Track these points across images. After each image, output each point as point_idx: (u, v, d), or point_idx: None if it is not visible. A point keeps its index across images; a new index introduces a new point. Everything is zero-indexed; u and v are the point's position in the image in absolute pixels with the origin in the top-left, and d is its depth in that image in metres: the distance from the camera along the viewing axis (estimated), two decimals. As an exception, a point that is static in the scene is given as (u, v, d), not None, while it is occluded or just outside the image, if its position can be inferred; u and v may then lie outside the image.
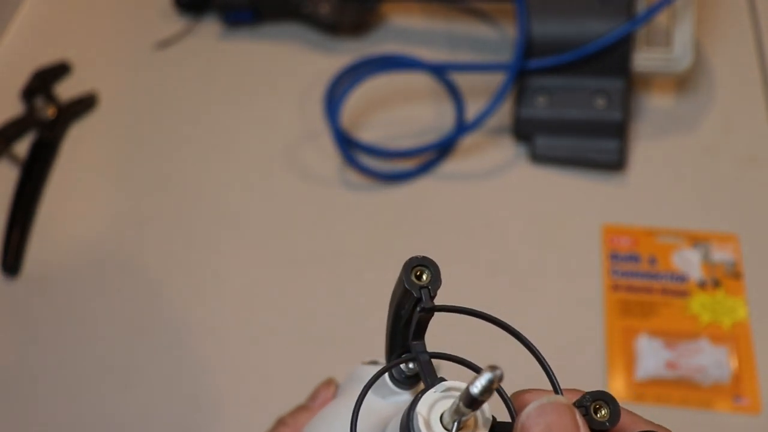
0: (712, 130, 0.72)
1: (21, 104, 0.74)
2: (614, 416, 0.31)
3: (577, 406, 0.31)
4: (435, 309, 0.31)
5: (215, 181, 0.71)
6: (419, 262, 0.31)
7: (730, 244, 0.65)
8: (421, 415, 0.30)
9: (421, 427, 0.29)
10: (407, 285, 0.31)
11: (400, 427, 0.31)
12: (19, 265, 0.66)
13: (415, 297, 0.31)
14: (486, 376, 0.26)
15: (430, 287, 0.31)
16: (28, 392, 0.61)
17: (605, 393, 0.31)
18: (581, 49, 0.67)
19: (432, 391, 0.30)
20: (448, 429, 0.30)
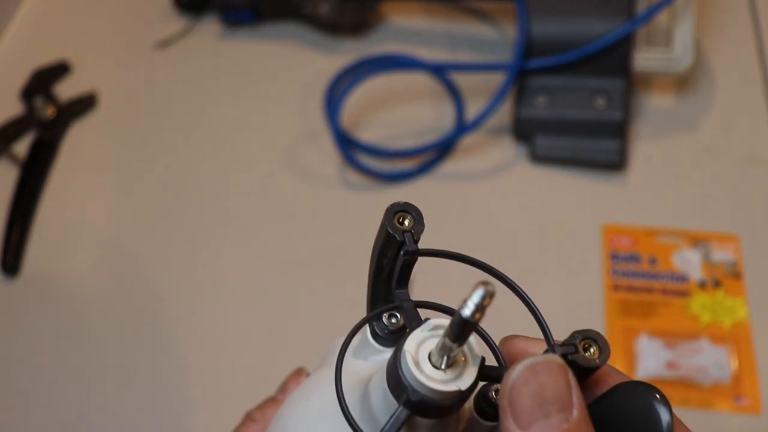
0: (713, 129, 0.71)
1: (21, 104, 0.74)
2: (604, 354, 0.30)
3: (566, 344, 0.30)
4: (419, 252, 0.31)
5: (215, 181, 0.71)
6: (401, 207, 0.31)
7: (730, 244, 0.65)
8: (409, 353, 0.28)
9: (410, 365, 0.28)
10: (390, 229, 0.30)
11: (387, 371, 0.30)
12: (18, 265, 0.66)
13: (398, 241, 0.30)
14: (477, 292, 0.25)
15: (414, 231, 0.31)
16: (27, 391, 0.61)
17: (594, 331, 0.30)
18: (581, 49, 0.67)
19: (419, 330, 0.29)
20: (436, 366, 0.29)
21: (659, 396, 0.31)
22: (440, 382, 0.28)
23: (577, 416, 0.27)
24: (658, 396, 0.30)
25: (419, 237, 0.31)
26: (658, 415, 0.30)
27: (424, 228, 0.31)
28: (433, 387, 0.28)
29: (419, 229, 0.31)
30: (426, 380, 0.28)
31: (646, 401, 0.30)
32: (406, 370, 0.28)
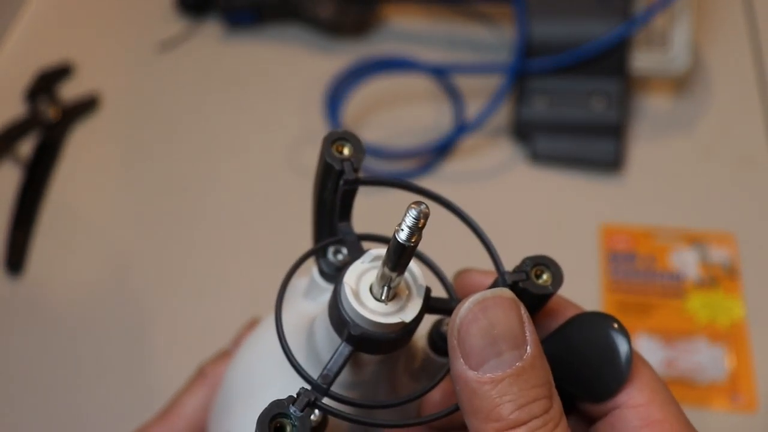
0: (710, 131, 0.72)
1: (24, 105, 0.75)
2: (557, 280, 0.29)
3: (517, 272, 0.29)
4: (359, 181, 0.29)
5: (217, 181, 0.71)
6: (339, 135, 0.29)
7: (727, 243, 0.65)
8: (348, 286, 0.27)
9: (350, 298, 0.26)
10: (328, 158, 0.29)
11: (329, 307, 0.28)
12: (22, 264, 0.66)
13: (337, 171, 0.29)
14: (410, 213, 0.24)
15: (353, 160, 0.29)
16: (29, 390, 0.61)
17: (545, 257, 0.29)
18: (580, 50, 0.67)
19: (359, 262, 0.28)
20: (378, 298, 0.27)
21: (617, 325, 0.29)
22: (382, 314, 0.26)
23: (531, 353, 0.25)
24: (615, 325, 0.29)
25: (360, 165, 0.29)
26: (616, 346, 0.28)
27: (365, 155, 0.29)
28: (375, 320, 0.26)
29: (359, 157, 0.29)
30: (367, 313, 0.26)
31: (604, 332, 0.29)
32: (346, 304, 0.27)
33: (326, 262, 0.32)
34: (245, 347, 0.36)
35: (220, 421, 0.35)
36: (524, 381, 0.25)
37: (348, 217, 0.31)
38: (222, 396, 0.36)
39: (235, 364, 0.36)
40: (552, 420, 0.25)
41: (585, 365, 0.29)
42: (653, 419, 0.28)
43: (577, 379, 0.29)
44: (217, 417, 0.36)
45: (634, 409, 0.28)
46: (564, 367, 0.28)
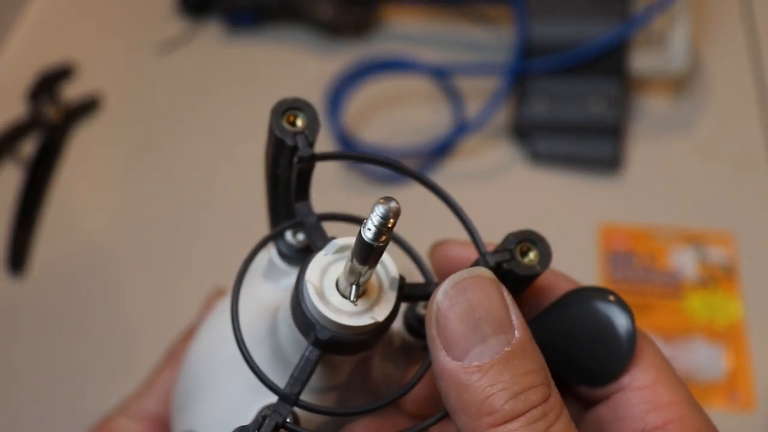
0: (708, 131, 0.72)
1: (26, 106, 0.75)
2: (544, 258, 0.25)
3: (500, 251, 0.26)
4: (315, 157, 0.26)
5: (218, 181, 0.71)
6: (290, 104, 0.25)
7: (726, 243, 0.65)
8: (311, 284, 0.23)
9: (313, 297, 0.23)
10: (278, 132, 0.25)
11: (292, 304, 0.25)
12: (25, 265, 0.66)
13: (289, 146, 0.25)
14: (378, 210, 0.20)
15: (307, 133, 0.25)
16: (31, 389, 0.61)
17: (531, 232, 0.26)
18: (579, 51, 0.68)
19: (322, 254, 0.25)
20: (345, 296, 0.24)
21: (614, 299, 0.26)
22: (351, 315, 0.23)
23: (520, 337, 0.22)
24: (613, 298, 0.26)
25: (315, 138, 0.25)
26: (615, 323, 0.25)
27: (320, 127, 0.26)
28: (344, 322, 0.23)
29: (314, 130, 0.26)
30: (334, 315, 0.23)
31: (601, 307, 0.25)
32: (310, 305, 0.23)
33: (285, 243, 0.29)
34: (203, 332, 0.34)
35: (180, 416, 0.34)
36: (516, 367, 0.22)
37: (305, 196, 0.27)
38: (181, 386, 0.34)
39: (194, 351, 0.34)
40: (552, 409, 0.22)
41: (581, 346, 0.26)
42: (660, 402, 0.25)
43: (574, 362, 0.26)
44: (177, 410, 0.35)
45: (639, 392, 0.25)
46: (558, 349, 0.25)
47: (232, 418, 0.30)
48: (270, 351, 0.27)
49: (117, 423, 0.40)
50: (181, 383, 0.35)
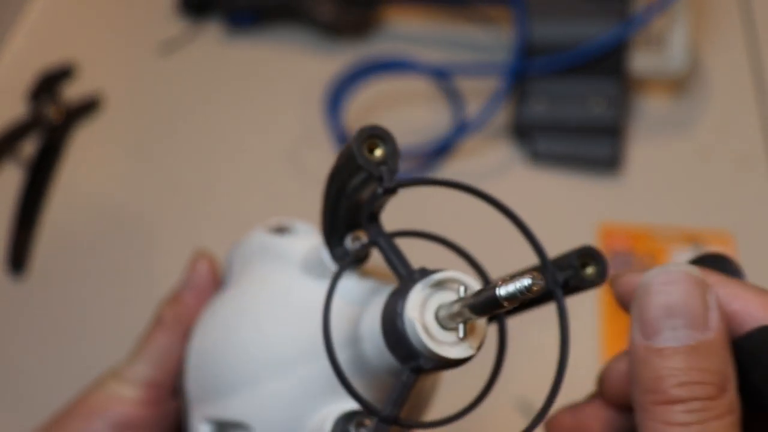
0: (707, 131, 0.73)
1: (26, 106, 0.75)
2: (602, 271, 0.28)
3: (564, 266, 0.28)
4: (400, 185, 0.26)
5: (218, 181, 0.72)
6: (372, 132, 0.26)
7: (725, 243, 0.66)
8: (417, 321, 0.25)
9: (421, 334, 0.25)
10: (362, 162, 0.25)
11: (384, 330, 0.26)
12: (25, 265, 0.67)
13: (373, 176, 0.26)
14: (524, 280, 0.21)
15: (390, 163, 0.26)
16: (32, 389, 0.62)
17: (590, 248, 0.28)
18: (579, 51, 0.68)
19: (420, 288, 0.25)
20: (446, 328, 0.25)
21: None
22: (454, 347, 0.25)
23: (711, 337, 0.24)
24: None
25: (396, 168, 0.26)
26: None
27: (400, 156, 0.26)
28: (449, 356, 0.25)
29: (395, 160, 0.26)
30: (441, 350, 0.25)
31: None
32: (415, 340, 0.25)
33: (341, 250, 0.30)
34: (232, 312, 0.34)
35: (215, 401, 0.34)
36: (694, 361, 0.23)
37: (377, 217, 0.28)
38: (214, 369, 0.34)
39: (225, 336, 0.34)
40: (716, 408, 0.23)
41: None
42: None
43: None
44: (208, 394, 0.35)
45: None
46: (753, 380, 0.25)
47: (291, 417, 0.31)
48: (348, 361, 0.29)
49: (111, 386, 0.40)
50: (206, 364, 0.35)
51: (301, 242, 0.34)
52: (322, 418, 0.30)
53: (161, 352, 0.40)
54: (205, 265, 0.41)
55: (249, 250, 0.37)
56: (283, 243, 0.35)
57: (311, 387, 0.31)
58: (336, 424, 0.29)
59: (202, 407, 0.35)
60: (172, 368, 0.39)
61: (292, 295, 0.32)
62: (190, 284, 0.41)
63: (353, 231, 0.30)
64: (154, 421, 0.39)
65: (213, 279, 0.41)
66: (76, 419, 0.40)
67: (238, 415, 0.32)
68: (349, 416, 0.29)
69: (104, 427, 0.39)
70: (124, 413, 0.39)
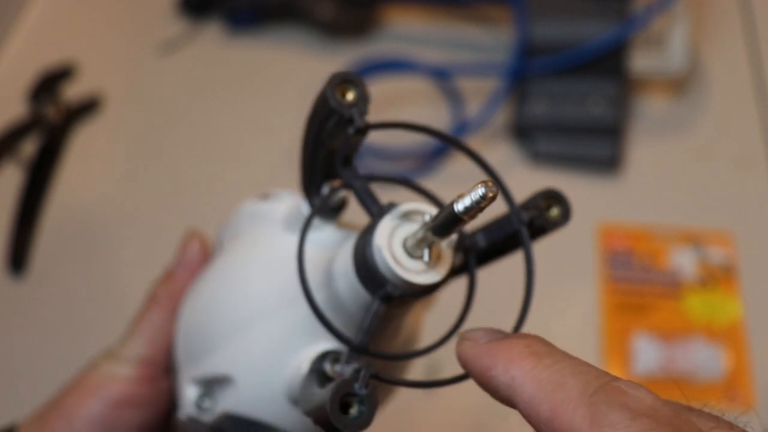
0: (707, 131, 0.72)
1: (27, 106, 0.75)
2: (566, 213, 0.29)
3: (530, 207, 0.29)
4: (369, 127, 0.27)
5: (218, 182, 0.72)
6: (343, 77, 0.27)
7: (725, 243, 0.65)
8: (384, 248, 0.26)
9: (388, 259, 0.26)
10: (334, 104, 0.27)
11: (355, 262, 0.28)
12: (25, 265, 0.67)
13: (343, 117, 0.27)
14: (478, 190, 0.23)
15: (361, 105, 0.27)
16: (31, 390, 0.62)
17: (554, 191, 0.29)
18: (579, 51, 0.68)
19: (388, 218, 0.27)
20: (414, 256, 0.26)
21: None
22: (421, 273, 0.26)
23: None
24: None
25: (366, 110, 0.27)
26: None
27: (370, 100, 0.28)
28: (417, 281, 0.26)
29: (366, 102, 0.27)
30: (408, 275, 0.26)
31: None
32: (383, 266, 0.26)
33: (320, 199, 0.31)
34: (216, 276, 0.35)
35: (197, 360, 0.35)
36: None
37: (351, 161, 0.29)
38: (194, 330, 0.35)
39: (208, 295, 0.35)
40: None
41: None
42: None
43: None
44: (191, 354, 0.35)
45: None
46: None
47: (271, 363, 0.32)
48: (324, 301, 0.29)
49: (105, 365, 0.40)
50: (194, 328, 0.36)
51: (284, 203, 0.36)
52: (300, 361, 0.31)
53: (155, 329, 0.40)
54: (196, 243, 0.42)
55: (236, 221, 0.39)
56: (267, 206, 0.36)
57: (290, 333, 0.32)
58: (313, 363, 0.30)
59: (189, 370, 0.36)
60: (166, 345, 0.40)
61: (272, 249, 0.33)
62: (182, 262, 0.41)
63: (330, 180, 0.31)
64: (149, 398, 0.40)
65: (204, 257, 0.42)
66: (71, 399, 0.40)
67: (221, 368, 0.33)
68: (325, 355, 0.31)
69: (100, 405, 0.39)
70: (119, 391, 0.39)
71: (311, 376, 0.30)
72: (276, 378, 0.32)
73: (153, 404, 0.40)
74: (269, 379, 0.32)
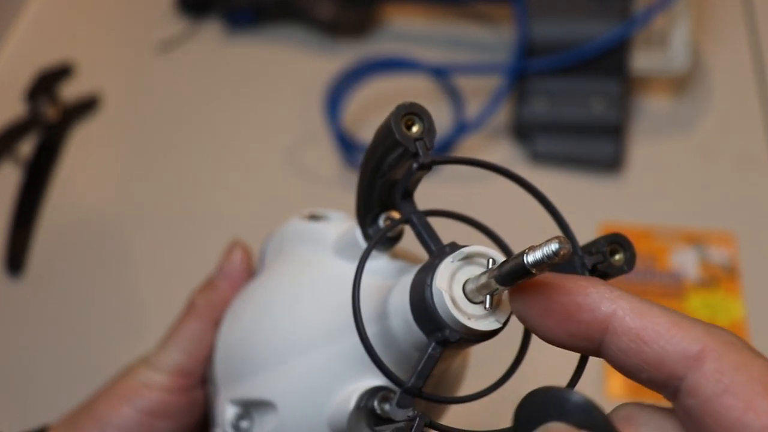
0: (709, 130, 0.72)
1: (24, 105, 0.75)
2: (630, 259, 0.28)
3: (593, 252, 0.28)
4: (435, 162, 0.27)
5: (217, 182, 0.71)
6: (409, 109, 0.26)
7: (727, 243, 0.65)
8: (445, 291, 0.25)
9: (448, 304, 0.25)
10: (399, 137, 0.26)
11: (412, 302, 0.27)
12: (23, 265, 0.66)
13: (409, 151, 0.26)
14: (552, 246, 0.22)
15: (426, 139, 0.26)
16: (30, 391, 0.61)
17: (619, 235, 0.28)
18: (580, 50, 0.68)
19: (449, 260, 0.26)
20: (474, 301, 0.25)
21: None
22: (480, 319, 0.25)
23: None
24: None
25: (432, 145, 0.27)
26: None
27: (436, 134, 0.27)
28: (477, 328, 0.25)
29: (432, 136, 0.27)
30: (468, 322, 0.25)
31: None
32: (443, 311, 0.25)
33: (375, 229, 0.31)
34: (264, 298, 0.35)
35: (239, 381, 0.34)
36: None
37: (411, 195, 0.29)
38: (238, 351, 0.35)
39: (253, 317, 0.35)
40: None
41: None
42: None
43: None
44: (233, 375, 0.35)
45: None
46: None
47: (316, 393, 0.31)
48: (376, 335, 0.29)
49: (141, 372, 0.39)
50: (236, 346, 0.35)
51: (335, 226, 0.35)
52: (347, 395, 0.30)
53: (192, 339, 0.39)
54: (239, 253, 0.41)
55: (283, 238, 0.37)
56: (318, 227, 0.36)
57: (338, 365, 0.31)
58: (360, 399, 0.30)
59: (229, 390, 0.35)
60: (203, 356, 0.39)
61: (323, 275, 0.33)
62: (224, 272, 0.41)
63: (387, 211, 0.31)
64: (182, 408, 0.39)
65: (247, 269, 0.41)
66: (104, 405, 0.39)
67: (264, 393, 0.33)
68: (374, 391, 0.30)
69: (133, 413, 0.38)
70: (153, 399, 0.38)
71: (359, 413, 0.29)
72: (320, 409, 0.31)
73: (186, 414, 0.39)
74: (313, 410, 0.31)
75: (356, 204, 0.31)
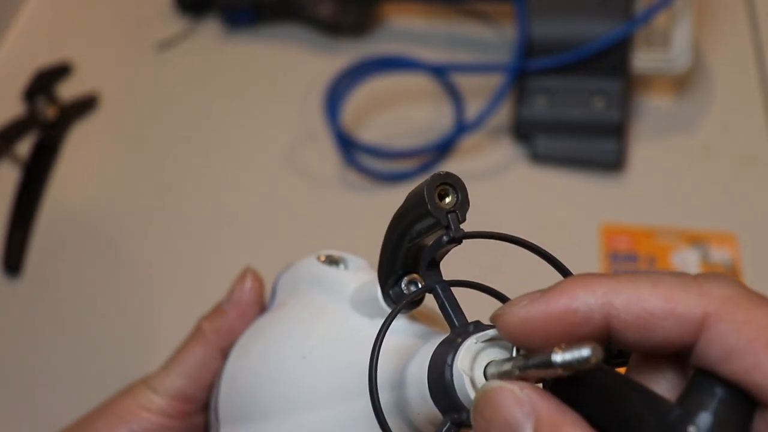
0: (711, 130, 0.72)
1: (22, 104, 0.75)
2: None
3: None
4: (466, 236, 0.26)
5: (216, 182, 0.71)
6: (444, 179, 0.26)
7: (728, 243, 0.65)
8: (465, 374, 0.24)
9: (469, 390, 0.24)
10: (431, 208, 0.25)
11: (430, 380, 0.26)
12: (20, 265, 0.66)
13: (440, 223, 0.26)
14: (583, 351, 0.21)
15: (459, 212, 0.26)
16: (29, 391, 0.61)
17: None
18: (580, 49, 0.67)
19: (472, 341, 0.25)
20: None
21: None
22: None
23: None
24: None
25: (464, 218, 0.26)
26: None
27: (470, 206, 0.26)
28: None
29: (465, 209, 0.26)
30: None
31: None
32: (462, 394, 0.24)
33: (396, 291, 0.30)
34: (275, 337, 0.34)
35: (243, 425, 0.34)
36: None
37: (438, 265, 0.28)
38: (247, 393, 0.34)
39: (263, 356, 0.34)
40: None
41: None
42: None
43: None
44: (238, 417, 0.34)
45: None
46: None
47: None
48: (390, 403, 0.28)
49: (141, 394, 0.39)
50: (242, 385, 0.34)
51: (353, 276, 0.34)
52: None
53: (196, 365, 0.39)
54: (251, 282, 0.40)
55: (298, 276, 0.37)
56: (336, 274, 0.34)
57: (346, 425, 0.30)
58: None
59: (232, 429, 0.34)
60: (206, 382, 0.39)
61: (340, 329, 0.32)
62: (234, 300, 0.40)
63: (410, 274, 0.30)
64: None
65: (257, 299, 0.40)
66: (100, 423, 0.39)
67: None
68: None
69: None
70: (149, 422, 0.38)
71: None
72: None
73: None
74: None
75: (379, 263, 0.30)
